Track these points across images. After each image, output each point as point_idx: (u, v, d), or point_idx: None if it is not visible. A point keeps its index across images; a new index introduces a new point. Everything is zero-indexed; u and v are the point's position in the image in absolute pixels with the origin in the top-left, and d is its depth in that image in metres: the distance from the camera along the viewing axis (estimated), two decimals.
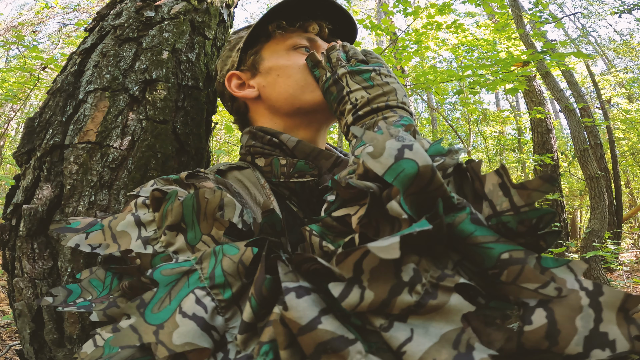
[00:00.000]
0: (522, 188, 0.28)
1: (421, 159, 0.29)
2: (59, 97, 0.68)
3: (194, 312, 0.30)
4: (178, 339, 0.28)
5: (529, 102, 5.41)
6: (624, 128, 7.22)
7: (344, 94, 0.54)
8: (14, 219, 0.61)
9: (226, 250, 0.34)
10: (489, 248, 0.26)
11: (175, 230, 0.39)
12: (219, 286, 0.32)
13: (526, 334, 0.23)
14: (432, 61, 6.56)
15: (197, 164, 0.78)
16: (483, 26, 5.81)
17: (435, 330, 0.23)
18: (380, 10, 6.39)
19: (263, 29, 0.66)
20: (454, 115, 10.45)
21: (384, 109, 0.51)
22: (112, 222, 0.42)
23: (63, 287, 0.44)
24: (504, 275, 0.25)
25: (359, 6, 12.09)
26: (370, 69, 0.55)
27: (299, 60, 0.63)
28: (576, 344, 0.22)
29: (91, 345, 0.37)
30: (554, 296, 0.24)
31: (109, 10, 0.80)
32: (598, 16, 11.40)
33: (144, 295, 0.32)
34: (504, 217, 0.28)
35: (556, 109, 9.60)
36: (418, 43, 3.42)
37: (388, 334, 0.24)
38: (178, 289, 0.32)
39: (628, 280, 3.17)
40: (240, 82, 0.68)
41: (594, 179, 2.47)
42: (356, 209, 0.32)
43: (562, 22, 2.78)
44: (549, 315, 0.23)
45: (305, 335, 0.24)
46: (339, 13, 0.70)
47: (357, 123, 0.52)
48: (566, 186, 7.64)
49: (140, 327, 0.29)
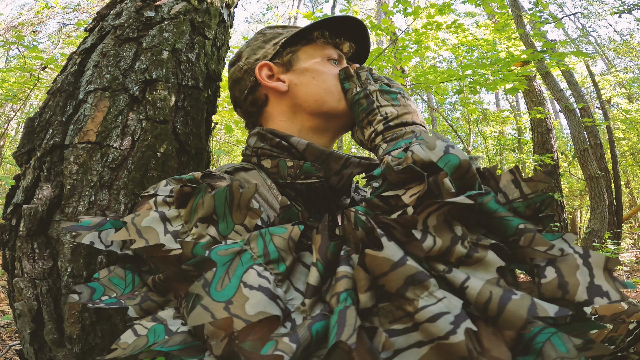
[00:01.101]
0: (530, 180, 0.36)
1: (461, 155, 0.38)
2: (59, 97, 0.68)
3: (259, 284, 0.33)
4: (251, 309, 0.31)
5: (529, 102, 5.41)
6: (624, 128, 7.22)
7: (374, 107, 0.61)
8: (14, 219, 0.61)
9: (273, 231, 0.38)
10: (510, 220, 0.33)
11: (207, 222, 0.42)
12: (274, 261, 0.36)
13: (544, 285, 0.30)
14: (432, 61, 6.56)
15: (197, 164, 0.78)
16: (483, 26, 5.80)
17: (481, 276, 0.30)
18: (380, 10, 6.38)
19: (307, 33, 0.71)
20: (454, 115, 10.45)
21: (411, 124, 0.58)
22: (135, 219, 0.44)
23: (86, 285, 0.45)
24: (521, 240, 0.32)
25: (359, 6, 12.10)
26: (396, 90, 0.63)
27: (333, 70, 0.69)
28: (582, 292, 0.29)
29: (131, 335, 0.38)
30: (558, 255, 0.31)
31: (109, 10, 0.80)
32: (598, 16, 11.40)
33: (205, 274, 0.34)
34: (515, 203, 0.36)
35: (556, 109, 9.61)
36: (418, 43, 3.42)
37: (450, 275, 0.30)
38: (234, 267, 0.35)
39: (628, 280, 3.17)
40: (270, 74, 0.69)
41: (594, 179, 2.47)
42: (403, 191, 0.39)
43: (562, 22, 2.77)
44: (557, 270, 0.30)
45: (396, 270, 0.30)
46: (364, 39, 0.78)
47: (387, 131, 0.58)
48: (566, 186, 7.64)
49: (210, 305, 0.32)
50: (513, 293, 0.28)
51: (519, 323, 0.26)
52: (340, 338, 0.28)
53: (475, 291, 0.29)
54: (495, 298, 0.28)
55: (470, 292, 0.29)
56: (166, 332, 0.37)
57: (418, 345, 0.28)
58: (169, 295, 0.44)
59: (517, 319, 0.26)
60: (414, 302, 0.29)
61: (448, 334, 0.27)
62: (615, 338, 0.73)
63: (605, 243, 2.52)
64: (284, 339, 0.30)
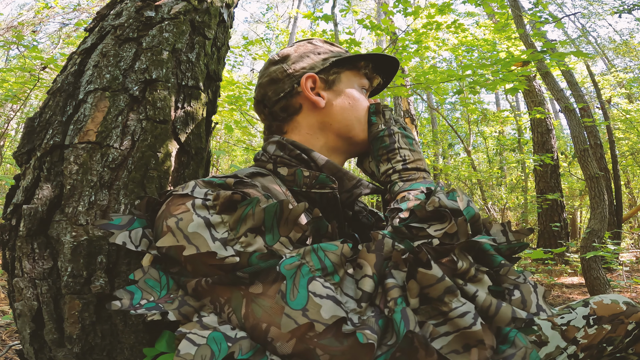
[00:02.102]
0: (516, 232, 0.51)
1: (475, 209, 0.51)
2: (59, 97, 0.68)
3: (326, 293, 0.40)
4: (326, 314, 0.39)
5: (529, 102, 5.40)
6: (624, 128, 7.21)
7: (395, 147, 0.68)
8: (14, 219, 0.61)
9: (325, 247, 0.44)
10: (496, 256, 0.45)
11: (255, 232, 0.46)
12: (330, 273, 0.43)
13: (513, 301, 0.43)
14: (432, 61, 6.55)
15: (197, 164, 0.78)
16: (483, 26, 5.80)
17: (482, 290, 0.42)
18: (380, 10, 6.38)
19: (356, 60, 0.74)
20: (454, 115, 10.45)
21: (423, 170, 0.68)
22: (180, 223, 0.46)
23: (125, 290, 0.46)
24: (501, 271, 0.44)
25: (359, 6, 12.09)
26: (413, 137, 0.71)
27: (365, 101, 0.74)
28: (533, 307, 0.42)
29: (190, 346, 0.40)
30: (522, 283, 0.44)
31: (109, 10, 0.80)
32: (598, 16, 11.40)
33: (280, 287, 0.41)
34: (501, 246, 0.48)
35: (556, 109, 9.60)
36: (418, 43, 3.42)
37: (467, 288, 0.41)
38: (298, 279, 0.41)
39: (628, 280, 3.16)
40: (313, 87, 0.70)
41: (594, 179, 2.47)
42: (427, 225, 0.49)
43: (562, 22, 2.77)
44: (520, 292, 0.43)
45: (439, 283, 0.40)
46: (390, 75, 0.82)
47: (404, 172, 0.67)
48: (566, 186, 7.63)
49: (291, 314, 0.39)
50: (502, 302, 0.41)
51: (507, 321, 0.40)
52: (409, 328, 0.37)
53: (482, 299, 0.41)
54: (493, 304, 0.40)
55: (478, 300, 0.41)
56: (226, 339, 0.42)
57: (446, 335, 0.39)
58: (204, 300, 0.46)
59: (506, 318, 0.40)
60: (448, 304, 0.40)
61: (471, 325, 0.38)
62: (614, 339, 0.73)
63: (605, 243, 2.51)
64: (366, 331, 0.38)
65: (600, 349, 0.72)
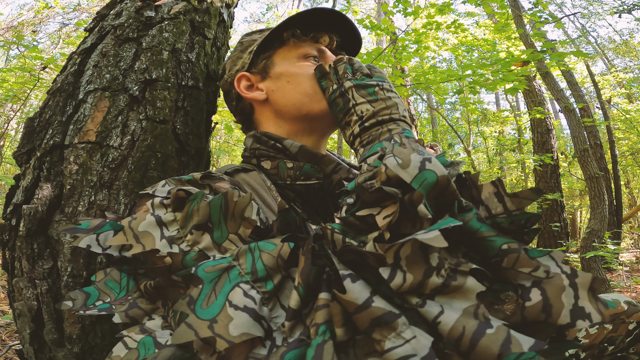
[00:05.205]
0: (514, 196, 0.35)
1: (439, 170, 0.35)
2: (59, 97, 0.68)
3: (244, 304, 0.33)
4: (234, 330, 0.31)
5: (529, 102, 5.40)
6: (624, 128, 7.21)
7: (350, 106, 0.57)
8: (14, 219, 0.61)
9: (262, 246, 0.37)
10: (492, 240, 0.32)
11: (202, 229, 0.41)
12: (262, 279, 0.35)
13: (528, 308, 0.29)
14: (432, 61, 6.56)
15: (197, 164, 0.78)
16: (483, 26, 5.80)
17: (458, 305, 0.29)
18: (380, 10, 6.38)
19: (278, 35, 0.68)
20: (454, 115, 10.45)
21: (388, 121, 0.55)
22: (132, 222, 0.43)
23: (81, 291, 0.45)
24: (504, 262, 0.31)
25: (359, 6, 12.09)
26: (374, 83, 0.58)
27: (308, 70, 0.66)
28: (565, 316, 0.28)
29: (123, 348, 0.38)
30: (543, 277, 0.30)
31: (109, 10, 0.80)
32: (598, 16, 11.40)
33: (191, 292, 0.34)
34: (499, 218, 0.35)
35: (556, 109, 9.60)
36: (418, 43, 3.42)
37: (424, 309, 0.29)
38: (221, 284, 0.34)
39: (628, 280, 3.16)
40: (249, 84, 0.69)
41: (594, 179, 2.47)
42: (378, 210, 0.36)
43: (562, 22, 2.77)
44: (543, 293, 0.29)
45: (361, 312, 0.29)
46: (348, 27, 0.73)
47: (364, 134, 0.55)
48: (566, 186, 7.63)
49: (195, 323, 0.32)
50: (488, 326, 0.27)
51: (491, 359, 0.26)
52: None
53: (447, 326, 0.28)
54: (468, 333, 0.27)
55: (442, 328, 0.28)
56: (155, 345, 0.37)
57: None
58: (157, 303, 0.43)
59: (489, 355, 0.26)
60: (380, 342, 0.28)
61: None
62: (615, 338, 0.73)
63: (605, 243, 2.52)
64: None
65: (601, 349, 0.72)
